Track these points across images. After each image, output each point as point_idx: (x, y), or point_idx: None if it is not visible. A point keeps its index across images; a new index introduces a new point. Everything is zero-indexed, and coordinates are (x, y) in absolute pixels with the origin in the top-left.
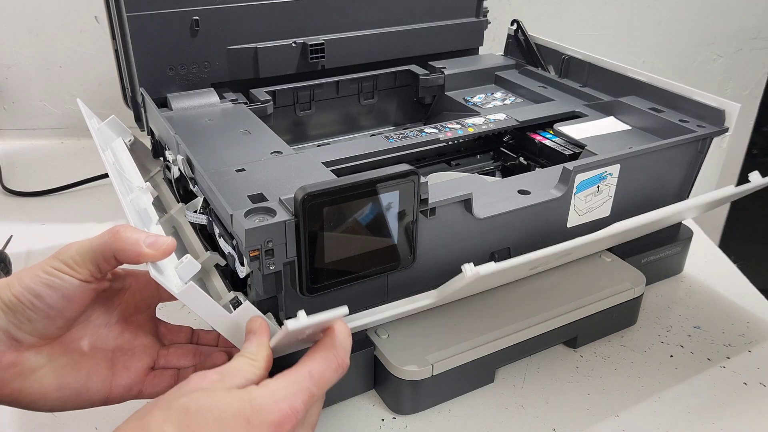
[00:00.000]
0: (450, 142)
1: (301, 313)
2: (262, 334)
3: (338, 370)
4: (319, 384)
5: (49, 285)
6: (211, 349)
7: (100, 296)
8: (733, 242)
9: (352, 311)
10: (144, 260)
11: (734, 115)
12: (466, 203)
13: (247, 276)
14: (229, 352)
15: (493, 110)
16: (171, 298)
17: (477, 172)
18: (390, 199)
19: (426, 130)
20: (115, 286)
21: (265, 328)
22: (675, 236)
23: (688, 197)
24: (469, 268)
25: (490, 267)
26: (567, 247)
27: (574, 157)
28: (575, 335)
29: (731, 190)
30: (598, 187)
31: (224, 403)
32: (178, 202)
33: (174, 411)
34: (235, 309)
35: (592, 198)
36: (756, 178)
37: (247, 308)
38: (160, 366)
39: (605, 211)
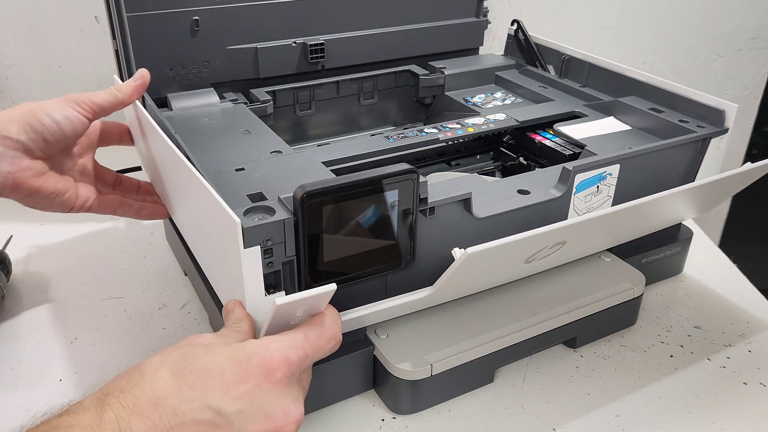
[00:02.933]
0: (450, 142)
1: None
2: (239, 308)
3: (331, 341)
4: (314, 347)
5: (67, 116)
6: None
7: None
8: (733, 242)
9: (351, 311)
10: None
11: (732, 116)
12: (466, 203)
13: None
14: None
15: (493, 110)
16: (110, 138)
17: (477, 172)
18: (389, 199)
19: (426, 130)
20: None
21: (239, 303)
22: (675, 236)
23: None
24: (458, 251)
25: (480, 247)
26: (560, 226)
27: (574, 157)
28: (575, 335)
29: (727, 172)
30: (598, 187)
31: (219, 350)
32: None
33: (172, 356)
34: (269, 294)
35: (591, 198)
36: (748, 166)
37: (279, 295)
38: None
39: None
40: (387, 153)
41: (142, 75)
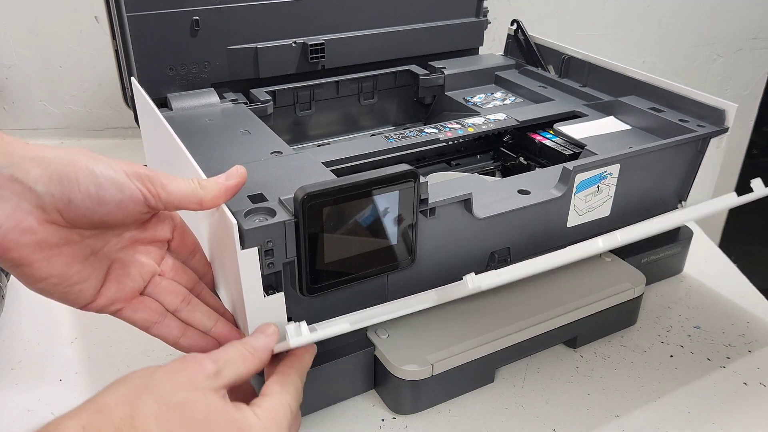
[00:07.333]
0: (450, 142)
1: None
2: (270, 339)
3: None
4: (297, 417)
5: (119, 187)
6: (200, 315)
7: None
8: (733, 242)
9: (351, 311)
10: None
11: (731, 115)
12: (466, 203)
13: None
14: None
15: (493, 110)
16: (183, 249)
17: (477, 172)
18: (390, 200)
19: (426, 130)
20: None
21: (274, 335)
22: (675, 236)
23: (687, 197)
24: (470, 280)
25: (492, 279)
26: (569, 258)
27: (574, 156)
28: (575, 335)
29: (733, 200)
30: (598, 186)
31: (219, 416)
32: None
33: (168, 407)
34: (268, 296)
35: (592, 198)
36: (758, 187)
37: (279, 299)
38: (148, 293)
39: (605, 210)
40: (387, 153)
41: (239, 174)
